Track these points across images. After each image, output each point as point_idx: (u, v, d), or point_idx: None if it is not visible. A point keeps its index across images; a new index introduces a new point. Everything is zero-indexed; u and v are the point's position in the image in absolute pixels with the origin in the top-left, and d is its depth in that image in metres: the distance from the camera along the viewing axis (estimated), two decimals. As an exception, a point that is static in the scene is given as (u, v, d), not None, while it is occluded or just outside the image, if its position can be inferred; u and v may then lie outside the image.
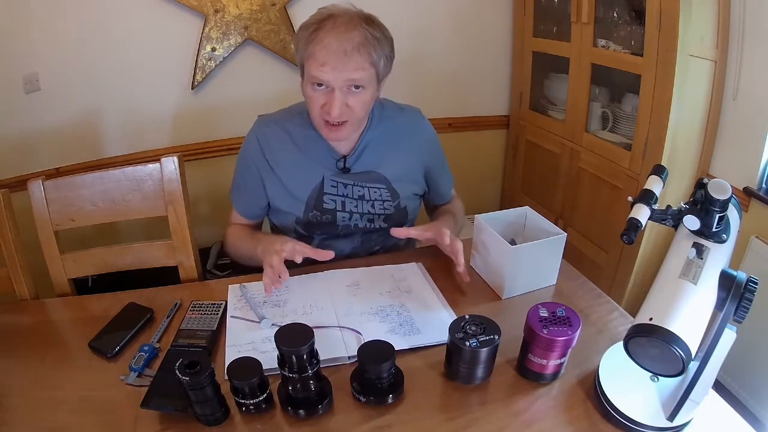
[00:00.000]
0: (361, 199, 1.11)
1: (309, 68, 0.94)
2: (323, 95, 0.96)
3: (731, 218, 0.66)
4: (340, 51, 0.91)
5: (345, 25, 0.92)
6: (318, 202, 1.10)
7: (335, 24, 0.92)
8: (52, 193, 1.08)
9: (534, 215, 1.05)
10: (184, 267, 1.16)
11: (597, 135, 1.87)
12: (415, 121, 1.16)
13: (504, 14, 2.20)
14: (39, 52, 1.71)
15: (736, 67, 1.53)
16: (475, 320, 0.77)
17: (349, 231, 1.14)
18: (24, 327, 0.96)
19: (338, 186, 1.10)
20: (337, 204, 1.11)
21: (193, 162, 1.98)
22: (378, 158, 1.11)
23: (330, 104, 0.95)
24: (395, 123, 1.13)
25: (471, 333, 0.75)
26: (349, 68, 0.92)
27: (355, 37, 0.92)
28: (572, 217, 2.04)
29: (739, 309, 0.60)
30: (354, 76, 0.93)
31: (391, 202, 1.13)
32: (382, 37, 0.96)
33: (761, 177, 1.53)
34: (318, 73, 0.93)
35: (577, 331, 0.73)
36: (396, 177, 1.12)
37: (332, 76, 0.93)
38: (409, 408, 0.74)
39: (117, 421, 0.72)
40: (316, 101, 0.97)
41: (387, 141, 1.12)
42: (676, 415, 0.67)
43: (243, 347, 0.84)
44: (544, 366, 0.76)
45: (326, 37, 0.91)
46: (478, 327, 0.76)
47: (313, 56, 0.93)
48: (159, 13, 1.78)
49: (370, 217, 1.13)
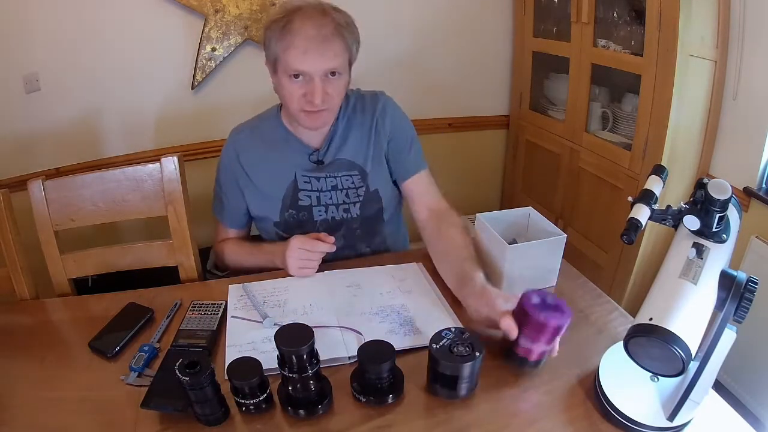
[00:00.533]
0: (335, 189, 1.12)
1: (287, 60, 0.94)
2: (302, 85, 0.97)
3: (731, 218, 0.66)
4: (319, 37, 0.92)
5: (317, 13, 0.94)
6: (293, 200, 1.12)
7: (306, 14, 0.93)
8: (52, 193, 1.08)
9: (537, 216, 1.05)
10: (184, 267, 1.16)
11: (597, 135, 1.87)
12: (374, 102, 1.15)
13: (504, 14, 2.20)
14: (39, 52, 1.71)
15: (736, 67, 1.53)
16: (459, 334, 0.76)
17: (327, 227, 1.13)
18: (24, 327, 0.96)
19: (311, 181, 1.11)
20: (312, 199, 1.12)
21: (193, 162, 1.98)
22: (346, 144, 1.12)
23: (312, 93, 0.96)
24: (358, 108, 1.14)
25: (454, 348, 0.73)
26: (328, 55, 0.94)
27: (329, 24, 0.93)
28: (572, 217, 2.04)
29: (739, 309, 0.60)
30: (333, 63, 0.95)
31: (363, 187, 1.13)
32: (351, 22, 0.98)
33: (761, 177, 1.53)
34: (299, 63, 0.93)
35: (568, 318, 0.73)
36: (363, 159, 1.12)
37: (313, 65, 0.93)
38: (409, 408, 0.74)
39: (117, 421, 0.72)
40: (295, 92, 0.98)
41: (352, 126, 1.13)
42: (676, 415, 0.67)
43: (243, 347, 0.84)
44: (530, 351, 0.76)
45: (302, 27, 0.92)
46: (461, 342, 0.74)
47: (291, 46, 0.93)
48: (159, 13, 1.78)
49: (345, 206, 1.13)
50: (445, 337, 0.75)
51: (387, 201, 1.16)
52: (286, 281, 1.02)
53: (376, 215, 1.17)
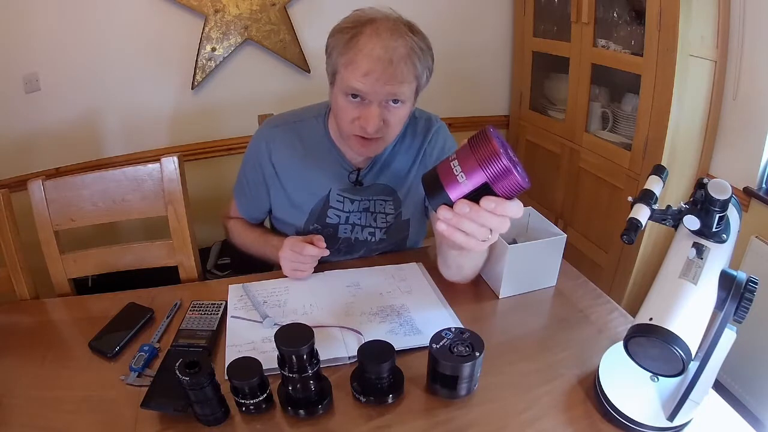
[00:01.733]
0: (366, 211, 1.08)
1: (346, 77, 0.85)
2: (357, 107, 0.88)
3: (731, 218, 0.66)
4: (386, 60, 0.82)
5: (389, 32, 0.84)
6: (321, 215, 1.07)
7: (377, 30, 0.83)
8: (52, 193, 1.08)
9: (537, 216, 1.05)
10: (184, 267, 1.16)
11: (597, 135, 1.87)
12: (428, 126, 1.07)
13: (504, 14, 2.20)
14: (39, 52, 1.71)
15: (736, 67, 1.53)
16: (460, 334, 0.75)
17: (349, 245, 1.11)
18: (24, 327, 0.96)
19: (344, 201, 1.06)
20: (341, 218, 1.08)
21: (193, 162, 1.98)
22: (389, 168, 1.06)
23: (366, 119, 0.87)
24: (409, 130, 1.06)
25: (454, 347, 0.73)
26: (393, 80, 0.84)
27: (401, 47, 0.83)
28: (572, 217, 2.04)
29: (739, 309, 0.60)
30: (397, 90, 0.85)
31: (393, 214, 1.08)
32: (426, 48, 0.89)
33: (761, 177, 1.53)
34: (357, 84, 0.84)
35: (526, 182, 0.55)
36: (402, 185, 1.07)
37: (374, 88, 0.84)
38: (409, 408, 0.74)
39: (117, 421, 0.72)
40: (349, 113, 0.89)
41: (400, 149, 1.05)
42: (676, 415, 0.67)
43: (243, 347, 0.84)
44: (456, 185, 0.56)
45: (369, 44, 0.82)
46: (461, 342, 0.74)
47: (353, 64, 0.83)
48: (159, 14, 1.78)
49: (371, 230, 1.09)
50: (445, 337, 0.75)
51: (414, 232, 1.12)
52: (286, 281, 1.02)
53: (400, 243, 1.13)
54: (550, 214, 2.10)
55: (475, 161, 0.55)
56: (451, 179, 0.56)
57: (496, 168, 0.54)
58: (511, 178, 0.54)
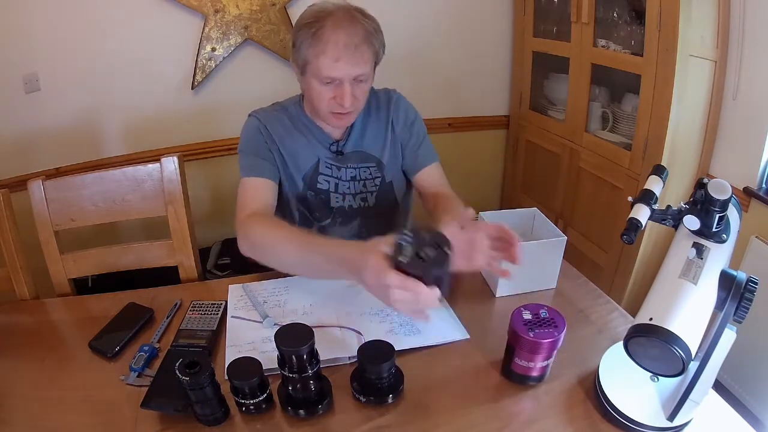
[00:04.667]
0: (353, 179, 1.16)
1: (319, 66, 0.96)
2: (332, 90, 1.00)
3: (731, 218, 0.66)
4: (351, 45, 0.95)
5: (348, 21, 0.96)
6: (312, 181, 1.14)
7: (337, 20, 0.95)
8: (52, 193, 1.08)
9: (542, 217, 1.05)
10: (184, 267, 1.16)
11: (597, 135, 1.87)
12: (387, 98, 1.19)
13: (504, 14, 2.20)
14: (39, 52, 1.71)
15: (736, 67, 1.53)
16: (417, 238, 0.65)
17: (344, 215, 1.18)
18: (24, 327, 0.96)
19: (332, 168, 1.14)
20: (330, 185, 1.15)
21: (193, 162, 1.98)
22: (364, 137, 1.16)
23: (341, 97, 0.99)
24: (372, 104, 1.17)
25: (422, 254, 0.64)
26: (358, 61, 0.97)
27: (359, 31, 0.96)
28: (572, 217, 2.04)
29: (739, 309, 0.60)
30: (362, 70, 0.98)
31: (380, 177, 1.17)
32: (378, 28, 1.01)
33: (761, 177, 1.53)
34: (331, 71, 0.96)
35: (562, 332, 0.73)
36: (380, 151, 1.17)
37: (345, 71, 0.96)
38: (409, 408, 0.74)
39: (117, 421, 0.72)
40: (325, 95, 1.00)
41: (369, 121, 1.16)
42: (676, 415, 0.67)
43: (243, 347, 0.84)
44: (530, 368, 0.75)
45: (334, 34, 0.94)
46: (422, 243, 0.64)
47: (323, 54, 0.95)
48: (159, 13, 1.78)
49: (363, 195, 1.17)
50: (405, 244, 0.64)
51: (399, 194, 1.22)
52: (286, 281, 1.02)
53: (392, 206, 1.22)
54: (550, 214, 2.09)
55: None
56: None
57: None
58: None
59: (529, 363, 0.74)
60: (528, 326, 0.73)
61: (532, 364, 0.74)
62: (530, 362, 0.74)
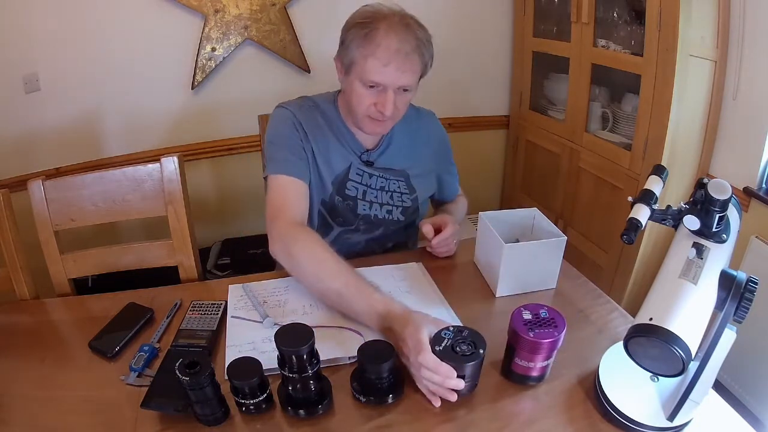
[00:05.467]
0: (382, 189, 1.14)
1: (366, 68, 0.94)
2: (374, 95, 0.98)
3: (731, 218, 0.66)
4: (402, 52, 0.93)
5: (402, 26, 0.94)
6: (341, 186, 1.11)
7: (392, 25, 0.93)
8: (52, 193, 1.08)
9: (541, 217, 1.05)
10: (184, 267, 1.16)
11: (597, 135, 1.87)
12: (430, 122, 1.20)
13: (504, 14, 2.20)
14: (39, 52, 1.71)
15: (736, 67, 1.53)
16: (460, 333, 0.74)
17: (369, 223, 1.15)
18: (24, 327, 0.96)
19: (363, 175, 1.12)
20: (359, 192, 1.12)
21: (193, 162, 1.98)
22: (399, 155, 1.14)
23: (383, 104, 0.97)
24: (414, 124, 1.17)
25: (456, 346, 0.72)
26: (406, 70, 0.95)
27: (412, 40, 0.94)
28: (572, 217, 2.04)
29: (739, 309, 0.60)
30: (409, 80, 0.96)
31: (409, 196, 1.16)
32: (429, 40, 0.99)
33: (761, 177, 1.53)
34: (378, 75, 0.94)
35: (562, 332, 0.73)
36: (414, 174, 1.16)
37: (391, 78, 0.94)
38: (409, 408, 0.74)
39: (117, 421, 0.72)
40: (366, 99, 0.98)
41: (407, 140, 1.15)
42: (676, 415, 0.67)
43: (243, 347, 0.84)
44: (530, 368, 0.75)
45: (386, 38, 0.92)
46: (462, 340, 0.72)
47: (373, 56, 0.93)
48: (159, 13, 1.78)
49: (389, 208, 1.15)
50: (445, 337, 0.74)
51: (421, 210, 1.22)
52: (286, 281, 1.02)
53: (413, 224, 1.22)
54: (550, 214, 2.09)
55: None
56: None
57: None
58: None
59: (529, 363, 0.74)
60: (528, 326, 0.73)
61: (532, 364, 0.74)
62: (530, 362, 0.74)
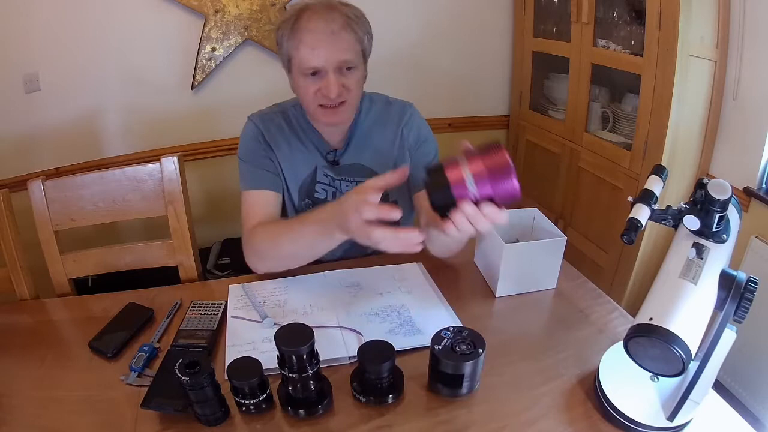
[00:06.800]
0: None
1: (299, 57, 0.94)
2: (316, 81, 0.95)
3: (731, 218, 0.66)
4: (328, 31, 0.91)
5: (325, 9, 0.93)
6: (310, 190, 1.10)
7: (314, 10, 0.93)
8: (52, 193, 1.08)
9: (541, 217, 1.05)
10: (184, 267, 1.16)
11: (597, 135, 1.87)
12: (402, 113, 1.13)
13: (504, 14, 2.20)
14: (39, 52, 1.71)
15: (736, 67, 1.53)
16: (459, 333, 0.75)
17: None
18: (24, 327, 0.96)
19: (329, 177, 1.10)
20: (328, 195, 1.11)
21: (193, 162, 1.98)
22: (365, 150, 1.10)
23: (326, 87, 0.94)
24: (383, 116, 1.12)
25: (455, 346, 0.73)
26: (339, 47, 0.93)
27: (338, 18, 0.93)
28: (572, 217, 2.04)
29: (739, 309, 0.60)
30: (345, 56, 0.94)
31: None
32: (360, 15, 0.98)
33: (761, 177, 1.53)
34: (310, 59, 0.93)
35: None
36: (382, 167, 1.09)
37: (325, 58, 0.92)
38: (409, 408, 0.74)
39: (117, 421, 0.72)
40: (310, 88, 0.96)
41: (374, 133, 1.11)
42: (676, 415, 0.67)
43: (243, 347, 0.84)
44: (466, 192, 0.64)
45: (310, 23, 0.92)
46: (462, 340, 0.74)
47: (301, 43, 0.92)
48: (159, 14, 1.78)
49: None
50: (445, 336, 0.75)
51: (405, 215, 1.11)
52: (286, 281, 1.02)
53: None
54: (550, 214, 2.09)
55: (488, 179, 0.63)
56: (460, 185, 0.64)
57: (506, 189, 0.63)
58: (514, 197, 0.64)
59: (478, 188, 0.64)
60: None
61: (477, 189, 0.64)
62: (481, 186, 0.64)
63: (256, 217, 1.02)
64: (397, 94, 1.22)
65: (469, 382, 0.73)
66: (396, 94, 1.21)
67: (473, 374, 0.73)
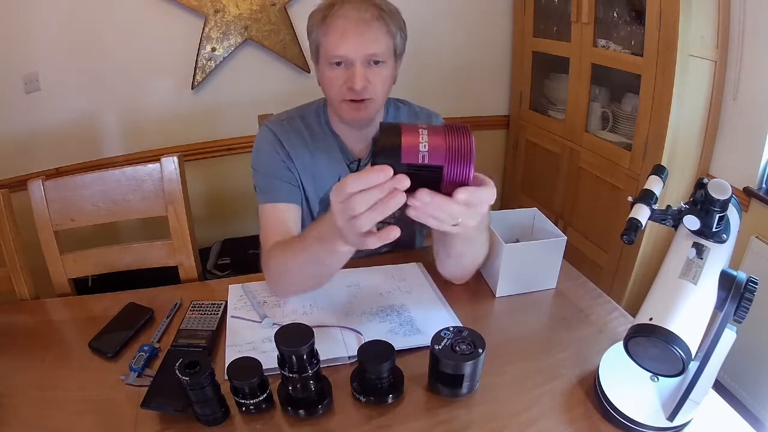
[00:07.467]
0: None
1: (327, 45, 0.91)
2: (343, 72, 0.92)
3: (731, 218, 0.66)
4: (359, 20, 0.89)
5: (358, 1, 0.91)
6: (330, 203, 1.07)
7: (347, 1, 0.91)
8: (52, 193, 1.08)
9: (541, 217, 1.05)
10: (184, 267, 1.16)
11: (597, 135, 1.87)
12: (428, 120, 1.11)
13: (504, 14, 2.20)
14: (39, 52, 1.71)
15: (736, 67, 1.53)
16: (459, 332, 0.75)
17: None
18: (24, 327, 0.96)
19: None
20: None
21: (193, 162, 1.98)
22: None
23: (352, 78, 0.91)
24: (410, 121, 1.10)
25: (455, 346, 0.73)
26: (369, 38, 0.89)
27: (372, 8, 0.90)
28: (572, 217, 2.04)
29: (739, 309, 0.60)
30: (374, 48, 0.90)
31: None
32: (394, 9, 0.95)
33: (761, 177, 1.53)
34: (338, 48, 0.89)
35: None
36: None
37: (352, 48, 0.89)
38: (409, 408, 0.74)
39: (117, 421, 0.72)
40: (336, 80, 0.93)
41: None
42: (676, 415, 0.67)
43: (243, 347, 0.84)
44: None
45: (341, 10, 0.89)
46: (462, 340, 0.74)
47: (330, 29, 0.90)
48: (159, 14, 1.78)
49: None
50: (445, 336, 0.75)
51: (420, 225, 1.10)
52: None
53: (409, 237, 1.11)
54: (550, 214, 2.09)
55: (445, 158, 0.57)
56: (412, 153, 0.57)
57: (458, 173, 0.57)
58: (463, 183, 0.58)
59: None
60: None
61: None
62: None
63: (273, 236, 0.96)
64: (397, 93, 1.21)
65: (469, 382, 0.73)
66: (396, 93, 1.20)
67: (473, 374, 0.73)
